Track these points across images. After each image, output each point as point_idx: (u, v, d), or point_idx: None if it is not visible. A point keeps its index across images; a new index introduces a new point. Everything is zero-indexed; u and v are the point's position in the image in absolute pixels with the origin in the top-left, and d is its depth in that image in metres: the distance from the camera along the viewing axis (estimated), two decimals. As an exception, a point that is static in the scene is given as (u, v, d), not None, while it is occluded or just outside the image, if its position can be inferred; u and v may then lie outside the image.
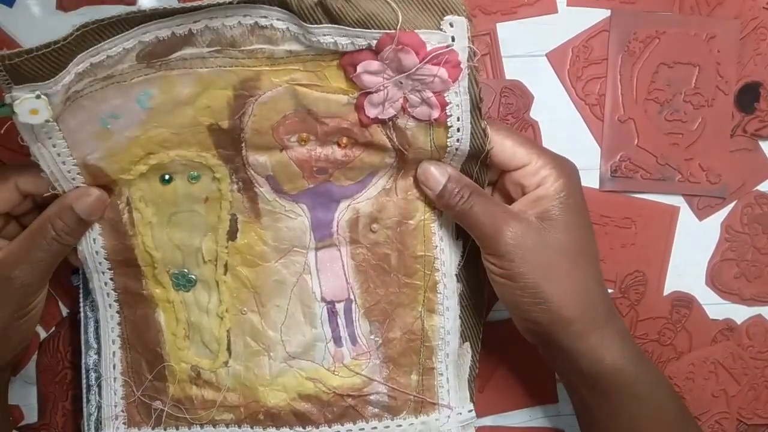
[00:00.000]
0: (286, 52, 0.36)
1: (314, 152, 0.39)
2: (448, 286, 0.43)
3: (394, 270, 0.43)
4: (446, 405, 0.44)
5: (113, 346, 0.43)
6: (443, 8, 0.35)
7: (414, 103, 0.37)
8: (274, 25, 0.35)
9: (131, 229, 0.41)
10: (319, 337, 0.43)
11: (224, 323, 0.43)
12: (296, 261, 0.42)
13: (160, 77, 0.36)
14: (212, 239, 0.41)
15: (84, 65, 0.34)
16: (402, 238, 0.42)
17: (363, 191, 0.41)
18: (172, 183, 0.40)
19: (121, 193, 0.40)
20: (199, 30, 0.35)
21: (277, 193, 0.41)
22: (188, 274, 0.42)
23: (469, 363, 0.45)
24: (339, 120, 0.38)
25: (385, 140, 0.39)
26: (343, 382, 0.43)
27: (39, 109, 0.34)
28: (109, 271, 0.42)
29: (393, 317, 0.43)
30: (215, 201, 0.41)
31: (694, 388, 0.49)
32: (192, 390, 0.43)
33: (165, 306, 0.43)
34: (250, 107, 0.38)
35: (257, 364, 0.43)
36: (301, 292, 0.43)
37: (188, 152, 0.39)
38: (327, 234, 0.42)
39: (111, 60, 0.35)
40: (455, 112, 0.37)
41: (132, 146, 0.38)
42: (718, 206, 0.49)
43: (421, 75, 0.35)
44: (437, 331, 0.43)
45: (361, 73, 0.36)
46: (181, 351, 0.43)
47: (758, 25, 0.48)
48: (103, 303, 0.42)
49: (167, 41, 0.35)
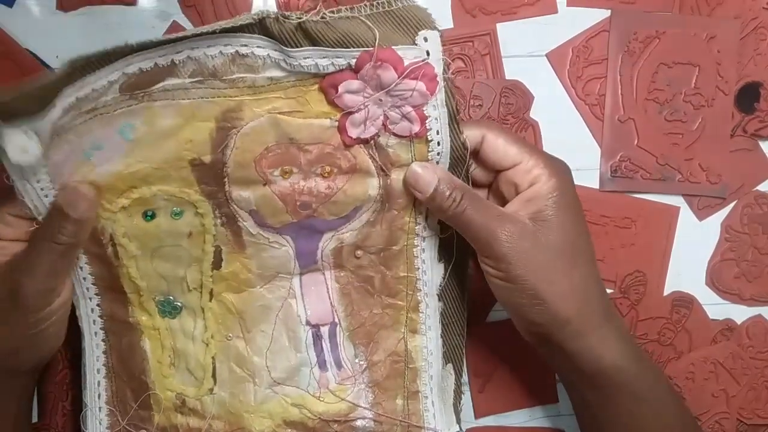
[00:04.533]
0: (267, 80, 0.37)
1: (297, 186, 0.39)
2: (430, 305, 0.43)
3: (377, 291, 0.43)
4: (432, 428, 0.44)
5: (98, 376, 0.43)
6: (416, 24, 0.36)
7: (394, 119, 0.37)
8: (255, 53, 0.36)
9: (116, 261, 0.40)
10: (304, 362, 0.43)
11: (209, 350, 0.42)
12: (281, 286, 0.42)
13: (142, 108, 0.37)
14: (197, 269, 0.41)
15: (70, 100, 0.34)
16: (385, 262, 0.42)
17: (347, 224, 0.41)
18: (155, 219, 0.40)
19: (104, 229, 0.40)
20: (182, 60, 0.36)
21: (261, 227, 0.40)
22: (174, 301, 0.42)
23: (453, 386, 0.45)
24: (322, 146, 0.38)
25: (369, 162, 0.39)
26: (329, 408, 0.43)
27: (29, 146, 0.33)
28: (97, 296, 0.42)
29: (377, 339, 0.43)
30: (199, 235, 0.40)
31: (694, 388, 0.49)
32: (177, 418, 0.43)
33: (150, 333, 0.42)
34: (232, 140, 0.38)
35: (242, 391, 0.43)
36: (286, 317, 0.42)
37: (170, 188, 0.39)
38: (311, 261, 0.42)
39: (95, 93, 0.35)
40: (434, 125, 0.38)
41: (114, 181, 0.38)
42: (718, 206, 0.49)
43: (400, 90, 0.36)
44: (420, 351, 0.43)
45: (342, 93, 0.36)
46: (166, 379, 0.43)
47: (758, 25, 0.48)
48: (88, 331, 0.42)
49: (150, 72, 0.36)
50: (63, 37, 0.45)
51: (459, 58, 0.47)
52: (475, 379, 0.48)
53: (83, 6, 0.45)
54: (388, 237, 0.41)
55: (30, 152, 0.33)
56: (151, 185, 0.39)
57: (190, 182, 0.39)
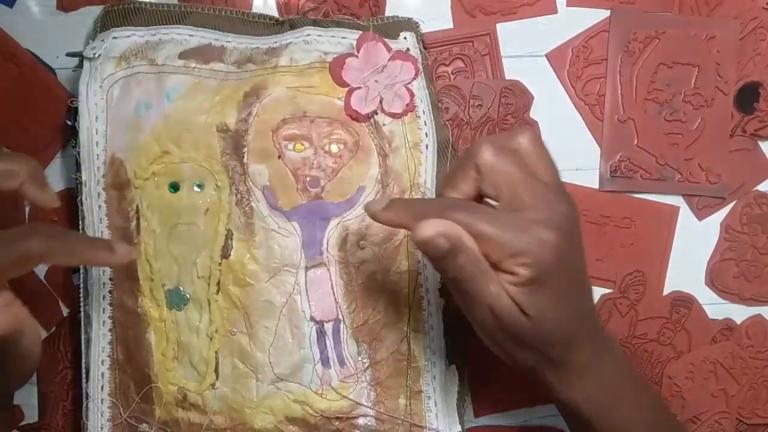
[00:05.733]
0: (288, 60, 0.44)
1: (308, 160, 0.43)
2: (432, 302, 0.44)
3: (380, 289, 0.43)
4: (434, 429, 0.44)
5: (102, 367, 0.43)
6: (400, 28, 0.45)
7: (388, 99, 0.44)
8: (282, 43, 0.44)
9: (136, 237, 0.42)
10: (307, 358, 0.43)
11: (213, 344, 0.43)
12: (286, 281, 0.43)
13: (190, 79, 0.43)
14: (208, 255, 0.43)
15: (143, 38, 0.43)
16: (388, 255, 0.43)
17: (352, 209, 0.43)
18: (179, 192, 0.43)
19: (132, 200, 0.43)
20: (230, 49, 0.44)
21: (271, 209, 0.43)
22: (182, 292, 0.43)
23: (457, 386, 0.45)
24: (330, 121, 0.44)
25: (370, 140, 0.44)
26: (331, 405, 0.43)
27: (98, 47, 0.42)
28: (110, 282, 0.43)
29: (380, 338, 0.44)
30: (215, 213, 0.43)
31: (693, 388, 0.49)
32: (178, 413, 0.43)
33: (156, 325, 0.43)
34: (255, 108, 0.43)
35: (244, 386, 0.43)
36: (290, 312, 0.43)
37: (197, 155, 0.43)
38: (317, 252, 0.43)
39: (162, 44, 0.43)
40: (421, 104, 0.44)
41: (151, 141, 0.42)
42: (718, 206, 0.49)
43: (391, 68, 0.44)
44: (423, 350, 0.44)
45: (347, 69, 0.43)
46: (169, 372, 0.43)
47: (758, 25, 0.48)
48: (97, 320, 0.43)
49: (205, 48, 0.44)
50: (63, 37, 0.45)
51: (459, 58, 0.47)
52: (475, 379, 0.48)
53: (83, 6, 0.45)
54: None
55: (95, 50, 0.42)
56: (181, 150, 0.43)
57: (215, 151, 0.43)
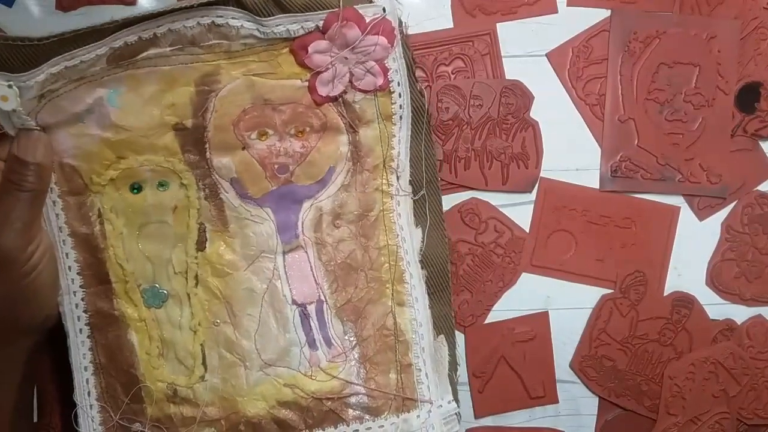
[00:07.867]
0: (241, 45, 0.40)
1: (274, 147, 0.42)
2: (414, 275, 0.44)
3: (360, 266, 0.44)
4: (426, 400, 0.44)
5: (86, 373, 0.43)
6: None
7: (359, 75, 0.42)
8: (230, 23, 0.39)
9: (103, 242, 0.41)
10: (293, 342, 0.43)
11: (198, 337, 0.43)
12: (265, 267, 0.43)
13: (127, 75, 0.40)
14: (182, 250, 0.42)
15: (58, 67, 0.38)
16: (365, 231, 0.44)
17: (324, 189, 0.43)
18: (142, 192, 0.41)
19: (93, 204, 0.41)
20: (163, 33, 0.39)
21: (242, 198, 0.42)
22: (159, 289, 0.42)
23: (447, 356, 0.45)
24: (294, 105, 0.42)
25: (338, 119, 0.42)
26: (321, 386, 0.43)
27: (9, 97, 0.37)
28: (81, 290, 0.42)
29: (365, 315, 0.44)
30: (183, 210, 0.42)
31: (694, 388, 0.49)
32: (170, 408, 0.43)
33: (137, 326, 0.43)
34: (211, 103, 0.41)
35: (234, 375, 0.43)
36: (272, 298, 0.43)
37: (156, 157, 0.41)
38: (293, 236, 0.43)
39: (84, 64, 0.38)
40: (395, 77, 0.42)
41: (103, 148, 0.40)
42: (719, 206, 0.49)
43: (363, 46, 0.41)
44: (409, 323, 0.44)
45: (311, 54, 0.40)
46: (156, 370, 0.43)
47: (758, 25, 0.48)
48: (73, 328, 0.42)
49: (134, 45, 0.39)
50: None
51: (459, 58, 0.47)
52: (475, 379, 0.48)
53: (83, 6, 0.45)
54: (364, 201, 0.43)
55: (9, 103, 0.37)
56: (138, 155, 0.41)
57: (174, 150, 0.41)
